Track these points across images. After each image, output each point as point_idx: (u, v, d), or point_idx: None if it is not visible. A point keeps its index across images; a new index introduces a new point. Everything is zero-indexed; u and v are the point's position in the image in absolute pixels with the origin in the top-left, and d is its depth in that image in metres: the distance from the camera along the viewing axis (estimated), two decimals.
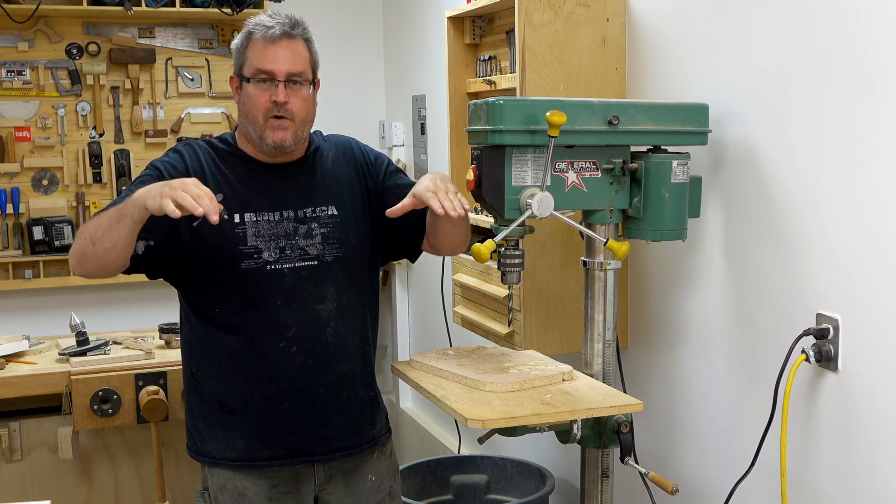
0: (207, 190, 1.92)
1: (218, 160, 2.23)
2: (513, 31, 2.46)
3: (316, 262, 2.21)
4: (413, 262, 2.43)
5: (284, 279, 2.18)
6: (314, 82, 2.21)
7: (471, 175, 2.12)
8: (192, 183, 1.92)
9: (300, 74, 2.15)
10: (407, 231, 2.29)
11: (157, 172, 2.19)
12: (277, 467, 2.23)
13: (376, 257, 2.33)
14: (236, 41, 2.20)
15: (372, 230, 2.29)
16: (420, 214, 2.23)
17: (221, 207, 1.91)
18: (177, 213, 1.87)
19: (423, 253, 2.37)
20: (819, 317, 1.91)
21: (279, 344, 2.19)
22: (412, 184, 2.23)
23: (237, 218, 2.17)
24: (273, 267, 2.17)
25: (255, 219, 2.18)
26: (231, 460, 2.24)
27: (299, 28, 2.17)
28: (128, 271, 2.16)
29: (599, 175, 2.12)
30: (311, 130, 2.30)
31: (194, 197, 1.88)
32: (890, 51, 1.73)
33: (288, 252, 2.18)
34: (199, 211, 1.87)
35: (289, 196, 2.22)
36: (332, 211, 2.24)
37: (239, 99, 2.20)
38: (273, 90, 2.13)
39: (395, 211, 2.07)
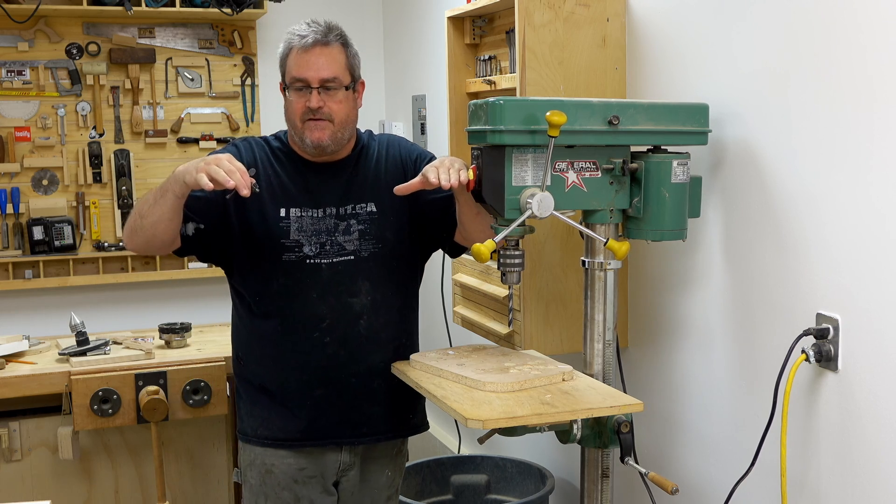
0: (240, 165, 2.03)
1: (271, 156, 2.34)
2: (513, 31, 2.45)
3: (352, 258, 2.30)
4: (453, 257, 2.51)
5: (322, 273, 2.28)
6: (354, 84, 2.28)
7: (471, 175, 2.12)
8: (226, 158, 2.03)
9: (334, 80, 2.25)
10: (438, 222, 2.35)
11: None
12: (310, 447, 2.31)
13: (416, 253, 2.42)
14: (279, 51, 2.32)
15: (410, 226, 2.37)
16: (450, 205, 2.30)
17: (254, 182, 2.03)
18: (210, 186, 1.98)
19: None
20: (819, 317, 1.91)
21: (313, 334, 2.29)
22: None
23: (283, 212, 2.28)
24: (312, 261, 2.28)
25: (299, 214, 2.29)
26: (263, 438, 2.36)
27: (333, 34, 2.28)
28: (181, 252, 2.29)
29: (599, 175, 2.12)
30: (363, 130, 2.42)
31: (227, 171, 1.99)
32: (889, 51, 1.73)
33: (328, 248, 2.29)
34: (230, 184, 1.98)
35: (332, 193, 2.32)
36: (371, 208, 2.32)
37: (285, 105, 2.32)
38: (308, 96, 2.23)
39: (401, 189, 2.13)
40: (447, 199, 2.29)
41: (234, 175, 1.99)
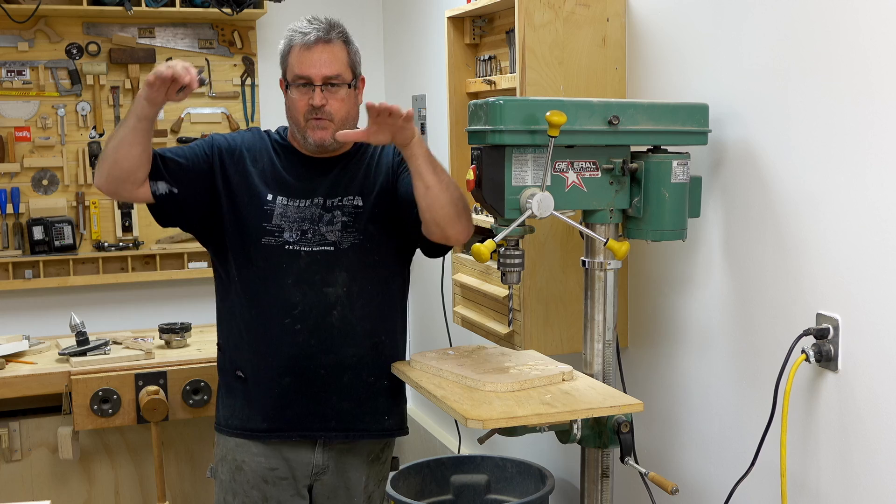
0: (182, 66, 2.05)
1: (270, 146, 2.38)
2: (513, 31, 2.46)
3: (332, 248, 2.31)
4: (430, 256, 2.46)
5: (300, 260, 2.29)
6: (355, 81, 2.29)
7: (471, 175, 2.12)
8: (166, 66, 2.05)
9: (336, 77, 2.27)
10: (407, 214, 2.32)
11: (211, 140, 2.37)
12: (276, 440, 2.29)
13: (399, 250, 2.41)
14: (280, 48, 2.33)
15: (396, 224, 2.36)
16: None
17: (201, 75, 2.09)
18: (168, 73, 2.02)
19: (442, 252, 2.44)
20: (819, 317, 1.91)
21: (284, 320, 2.30)
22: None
23: (269, 197, 2.31)
24: (291, 247, 2.29)
25: (285, 202, 2.31)
26: (233, 427, 2.37)
27: (335, 31, 2.30)
28: (154, 212, 2.30)
29: (599, 175, 2.12)
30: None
31: (177, 69, 2.03)
32: (889, 52, 1.73)
33: (309, 236, 2.30)
34: (181, 77, 2.03)
35: (322, 185, 2.34)
36: (357, 201, 2.34)
37: (286, 101, 2.34)
38: (311, 94, 2.25)
39: (344, 134, 2.13)
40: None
41: (177, 69, 2.03)
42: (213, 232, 2.35)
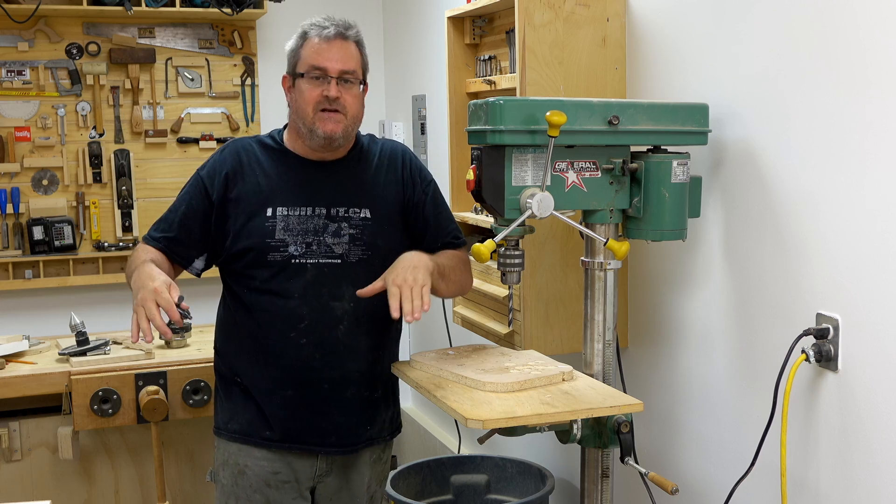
0: (166, 299, 2.02)
1: (260, 155, 2.34)
2: (513, 31, 2.46)
3: (339, 261, 2.29)
4: None
5: (306, 273, 2.27)
6: (364, 83, 2.30)
7: (471, 175, 2.12)
8: (151, 298, 2.02)
9: (352, 73, 2.26)
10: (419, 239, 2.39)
11: (199, 181, 2.34)
12: (275, 448, 2.29)
13: None
14: (290, 42, 2.31)
15: (404, 238, 2.36)
16: (426, 231, 2.38)
17: (185, 309, 2.05)
18: (145, 326, 2.02)
19: None
20: (819, 317, 1.91)
21: (290, 333, 2.28)
22: (440, 221, 2.38)
23: (269, 212, 2.28)
24: (297, 261, 2.27)
25: (285, 213, 2.28)
26: (233, 432, 2.35)
27: (352, 31, 2.30)
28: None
29: (599, 175, 2.12)
30: (364, 133, 2.42)
31: (149, 317, 2.01)
32: (888, 51, 1.73)
33: (314, 248, 2.27)
34: (147, 338, 2.02)
35: (323, 192, 2.31)
36: (365, 214, 2.32)
37: (290, 96, 2.31)
38: (325, 86, 2.23)
39: (364, 292, 2.14)
40: (425, 224, 2.38)
41: (154, 321, 2.00)
42: (220, 256, 2.36)
